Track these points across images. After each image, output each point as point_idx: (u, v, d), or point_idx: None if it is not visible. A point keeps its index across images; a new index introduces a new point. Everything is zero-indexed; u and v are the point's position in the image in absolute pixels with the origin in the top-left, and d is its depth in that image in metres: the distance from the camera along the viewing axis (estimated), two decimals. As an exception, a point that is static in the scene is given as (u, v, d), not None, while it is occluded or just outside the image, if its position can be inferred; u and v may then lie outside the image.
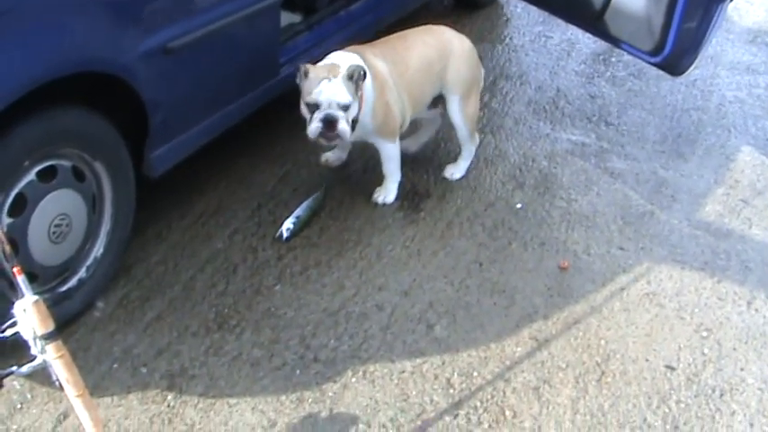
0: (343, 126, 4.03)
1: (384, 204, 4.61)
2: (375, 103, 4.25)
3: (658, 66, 4.66)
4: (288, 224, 4.31)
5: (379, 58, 4.33)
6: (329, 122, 4.02)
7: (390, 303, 4.00)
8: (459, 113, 4.70)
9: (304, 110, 4.14)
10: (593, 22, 4.78)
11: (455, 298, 4.04)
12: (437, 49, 4.50)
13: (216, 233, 4.32)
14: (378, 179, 4.65)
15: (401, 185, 4.67)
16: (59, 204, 3.50)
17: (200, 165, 4.43)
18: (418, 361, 3.73)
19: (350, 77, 4.06)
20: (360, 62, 4.20)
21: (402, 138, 4.64)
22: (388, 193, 4.61)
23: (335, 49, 4.35)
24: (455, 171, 4.88)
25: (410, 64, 4.42)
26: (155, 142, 3.83)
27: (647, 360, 3.81)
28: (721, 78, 6.14)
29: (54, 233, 3.50)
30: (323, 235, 4.35)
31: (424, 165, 4.96)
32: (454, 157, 4.93)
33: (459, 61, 4.58)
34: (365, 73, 4.11)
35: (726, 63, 6.40)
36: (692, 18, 4.42)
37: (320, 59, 4.27)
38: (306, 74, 4.11)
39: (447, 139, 5.10)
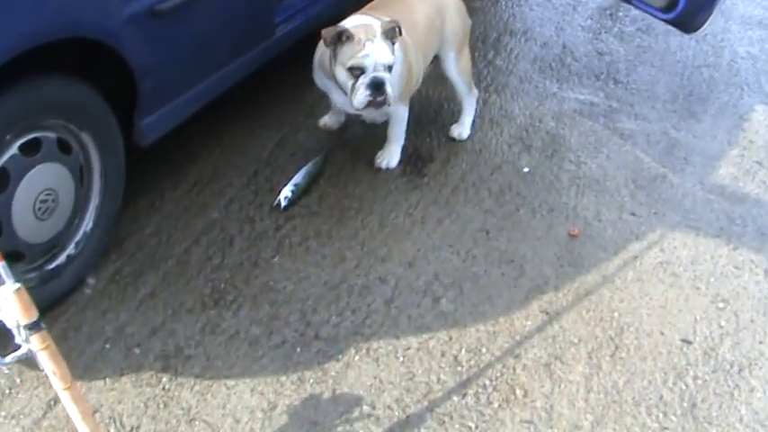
0: (392, 87, 3.88)
1: (387, 169, 4.44)
2: (404, 64, 4.09)
3: (671, 23, 4.47)
4: (286, 192, 4.14)
5: (387, 18, 4.08)
6: (377, 86, 3.85)
7: (394, 275, 3.84)
8: (456, 69, 4.55)
9: (343, 76, 3.96)
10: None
11: (461, 269, 3.88)
12: (434, 6, 4.34)
13: (211, 203, 4.15)
14: (379, 142, 4.48)
15: (403, 149, 4.47)
16: (45, 179, 3.31)
17: (193, 131, 4.25)
18: (424, 337, 3.58)
19: (386, 35, 3.88)
20: (370, 18, 4.03)
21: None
22: (391, 157, 4.44)
23: (347, 14, 4.18)
24: (461, 130, 4.71)
25: (417, 23, 4.25)
26: (145, 110, 3.64)
27: (662, 333, 3.67)
28: (732, 33, 5.96)
29: (40, 209, 3.32)
30: (322, 203, 4.18)
31: (427, 127, 4.78)
32: (458, 117, 4.68)
33: (453, 14, 4.44)
34: (400, 29, 3.93)
35: (737, 17, 6.21)
36: (705, -26, 4.18)
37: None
38: (347, 37, 3.91)
39: (450, 98, 4.90)
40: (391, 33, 3.87)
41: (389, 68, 3.85)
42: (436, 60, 4.51)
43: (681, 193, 4.42)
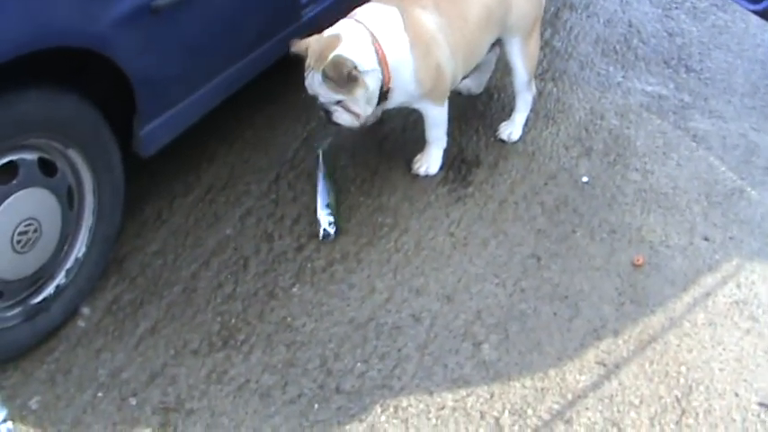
0: (341, 118, 3.54)
1: (426, 176, 3.92)
2: (419, 68, 3.57)
3: (758, 14, 3.89)
4: (326, 218, 3.66)
5: (428, 11, 3.63)
6: (325, 113, 3.54)
7: (430, 312, 3.39)
8: (521, 56, 4.04)
9: None
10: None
11: (507, 305, 3.42)
12: None
13: (225, 214, 3.71)
14: (421, 141, 3.98)
15: (446, 152, 3.98)
16: (23, 208, 2.90)
17: (210, 125, 3.76)
18: (461, 393, 3.12)
19: (325, 75, 3.40)
20: (396, 18, 3.57)
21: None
22: (431, 162, 3.94)
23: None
24: (512, 130, 4.19)
25: (469, 17, 3.71)
26: (145, 117, 3.19)
27: (736, 395, 3.18)
28: (820, 10, 5.26)
29: (19, 242, 2.90)
30: (352, 216, 3.74)
31: (474, 122, 4.28)
32: (509, 112, 4.17)
33: (521, 0, 3.80)
34: (351, 72, 3.40)
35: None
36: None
37: (346, 8, 3.66)
38: (300, 57, 3.49)
39: (500, 87, 4.41)
40: (332, 73, 3.39)
41: (337, 101, 3.47)
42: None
43: (760, 212, 3.92)
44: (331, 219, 3.61)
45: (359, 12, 3.58)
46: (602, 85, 4.65)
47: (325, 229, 3.60)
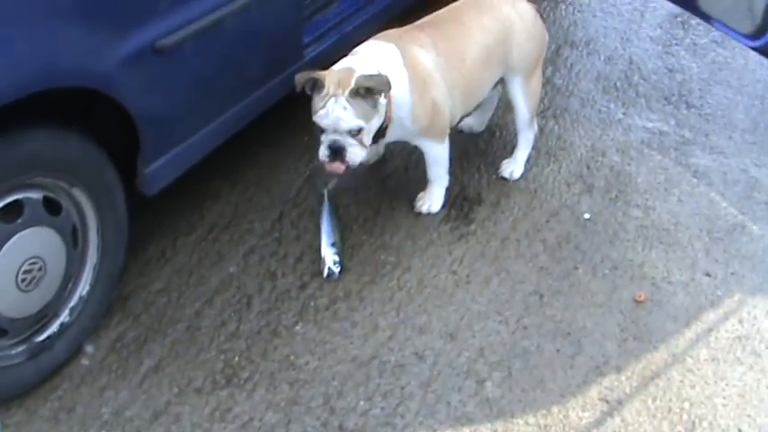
0: (353, 153, 3.41)
1: (428, 214, 3.90)
2: (416, 104, 3.57)
3: (758, 51, 3.89)
4: (330, 256, 3.65)
5: (425, 49, 3.63)
6: (335, 151, 3.40)
7: (433, 350, 3.37)
8: (522, 94, 4.03)
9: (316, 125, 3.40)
10: (680, -8, 3.98)
11: (510, 343, 3.40)
12: (496, 34, 3.79)
13: (228, 253, 3.70)
14: (423, 180, 3.97)
15: (448, 190, 3.98)
16: (28, 247, 2.89)
17: (213, 164, 3.75)
18: (465, 431, 3.11)
19: (356, 93, 3.31)
20: (395, 56, 3.55)
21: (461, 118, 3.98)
22: (433, 200, 3.93)
23: (367, 36, 3.70)
24: (514, 168, 4.19)
25: (467, 56, 3.72)
26: (149, 156, 3.20)
27: (739, 431, 3.18)
28: (819, 46, 5.26)
29: (23, 281, 2.90)
30: (355, 255, 3.72)
31: (476, 160, 4.28)
32: (511, 149, 4.15)
33: (521, 39, 3.89)
34: (387, 83, 3.37)
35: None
36: (802, -3, 3.62)
37: (349, 47, 3.60)
38: (316, 86, 3.39)
39: (502, 125, 4.40)
40: (364, 92, 3.31)
41: (356, 131, 3.36)
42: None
43: (762, 247, 3.90)
44: (336, 257, 3.60)
45: (361, 49, 3.59)
46: (604, 121, 4.65)
47: (329, 268, 3.59)
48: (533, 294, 3.61)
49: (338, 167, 3.45)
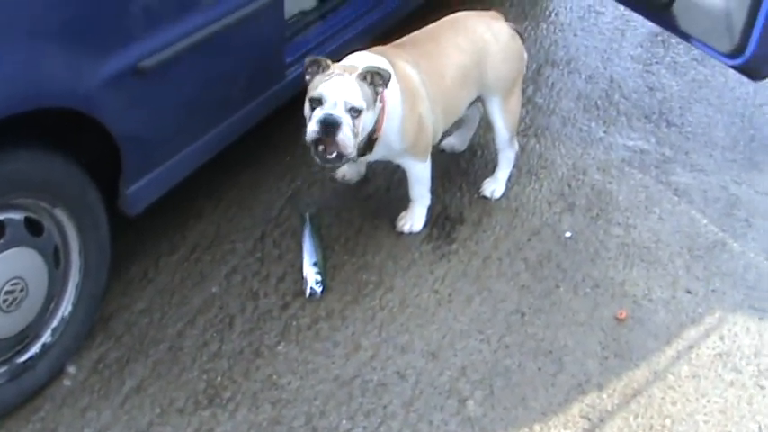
0: (346, 135, 3.29)
1: (410, 233, 3.90)
2: (405, 117, 3.59)
3: (737, 69, 3.89)
4: (313, 276, 3.65)
5: (411, 65, 3.65)
6: (329, 126, 3.27)
7: (415, 369, 3.37)
8: (500, 114, 4.04)
9: (306, 108, 3.38)
10: (659, 11, 4.02)
11: (492, 362, 3.41)
12: (471, 54, 3.81)
13: (211, 272, 3.69)
14: (405, 199, 3.98)
15: (430, 209, 3.98)
16: (10, 267, 2.88)
17: (195, 184, 3.75)
18: (447, 450, 3.00)
19: (364, 78, 3.35)
20: (386, 65, 3.52)
21: (443, 137, 4.04)
22: (415, 219, 3.94)
23: (355, 49, 3.69)
24: (495, 187, 4.19)
25: (446, 73, 3.74)
26: (130, 177, 3.20)
27: (721, 447, 3.07)
28: (798, 63, 5.29)
29: (5, 301, 2.89)
30: (337, 275, 3.72)
31: (457, 180, 4.29)
32: (492, 168, 4.15)
33: (496, 60, 3.89)
34: (390, 77, 3.41)
35: (802, 44, 5.51)
36: (780, 15, 3.63)
37: (337, 60, 3.57)
38: (323, 67, 3.40)
39: (483, 144, 4.41)
40: (371, 78, 3.36)
41: (355, 112, 3.29)
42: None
43: (742, 264, 3.91)
44: (318, 277, 3.60)
45: (353, 57, 3.60)
46: (585, 140, 4.66)
47: (311, 287, 3.59)
48: (515, 313, 3.62)
49: (325, 151, 3.37)
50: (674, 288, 3.79)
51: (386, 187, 4.18)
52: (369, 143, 3.53)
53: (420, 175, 3.83)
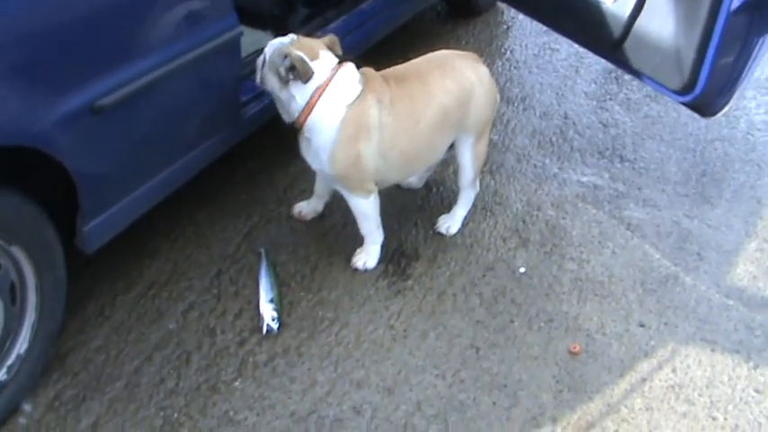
0: (258, 75, 3.70)
1: (365, 270, 3.89)
2: (337, 144, 3.62)
3: (687, 105, 3.95)
4: (269, 312, 3.67)
5: (379, 104, 3.69)
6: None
7: (370, 404, 3.40)
8: (470, 155, 4.07)
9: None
10: (611, 49, 4.07)
11: (447, 396, 3.43)
12: (457, 96, 3.85)
13: (167, 310, 3.69)
14: (361, 236, 4.02)
15: (384, 246, 4.03)
16: (-36, 306, 2.78)
17: (152, 221, 3.79)
18: (403, 484, 3.01)
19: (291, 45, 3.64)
20: (353, 92, 3.67)
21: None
22: (368, 256, 3.99)
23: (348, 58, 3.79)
24: (451, 224, 4.21)
25: (423, 118, 3.77)
26: (87, 214, 3.21)
27: (674, 479, 3.10)
28: (748, 100, 5.48)
29: (-42, 340, 2.78)
30: (293, 312, 3.73)
31: (413, 216, 4.32)
32: (448, 205, 4.17)
33: (479, 104, 3.94)
34: (308, 77, 3.60)
35: (752, 81, 5.65)
36: (728, 53, 3.77)
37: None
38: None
39: (439, 181, 4.44)
40: (291, 64, 3.58)
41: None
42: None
43: (695, 297, 3.95)
44: (275, 314, 3.62)
45: (346, 65, 3.71)
46: (539, 176, 4.70)
47: (268, 324, 3.61)
48: (470, 348, 3.64)
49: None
50: (628, 322, 3.81)
51: (342, 224, 4.20)
52: (297, 121, 3.68)
53: (362, 210, 3.88)
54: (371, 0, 4.77)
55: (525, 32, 6.17)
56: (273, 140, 4.15)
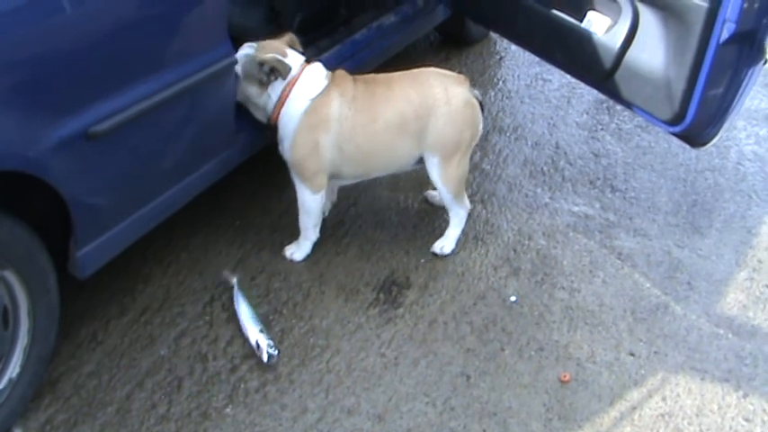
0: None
1: (291, 261, 4.13)
2: (297, 133, 3.87)
3: (677, 136, 3.98)
4: (264, 341, 3.67)
5: (342, 99, 3.89)
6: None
7: (361, 432, 3.26)
8: (439, 176, 4.10)
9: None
10: (602, 80, 4.10)
11: (438, 424, 3.45)
12: (416, 108, 3.92)
13: (160, 335, 3.70)
14: (355, 263, 4.11)
15: (377, 274, 4.12)
16: (-45, 330, 2.79)
17: (146, 247, 3.88)
18: None
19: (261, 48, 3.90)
20: (317, 87, 3.91)
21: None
22: (298, 249, 4.16)
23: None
24: (444, 244, 4.28)
25: (379, 118, 3.90)
26: (81, 240, 3.22)
27: None
28: (738, 130, 5.51)
29: (-51, 365, 2.79)
30: (285, 339, 3.74)
31: (404, 244, 4.35)
32: (439, 234, 4.23)
33: (440, 122, 3.97)
34: (285, 73, 3.88)
35: (743, 112, 5.68)
36: (718, 84, 3.80)
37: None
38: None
39: (430, 211, 4.45)
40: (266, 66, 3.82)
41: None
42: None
43: (684, 326, 3.96)
44: (270, 341, 3.61)
45: (315, 63, 3.94)
46: (530, 206, 4.73)
47: (269, 353, 3.61)
48: (460, 376, 3.65)
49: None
50: (618, 350, 3.82)
51: (334, 252, 4.19)
52: (270, 120, 3.95)
53: (307, 205, 4.04)
54: (364, 30, 4.77)
55: (518, 62, 6.20)
56: (268, 167, 4.15)
